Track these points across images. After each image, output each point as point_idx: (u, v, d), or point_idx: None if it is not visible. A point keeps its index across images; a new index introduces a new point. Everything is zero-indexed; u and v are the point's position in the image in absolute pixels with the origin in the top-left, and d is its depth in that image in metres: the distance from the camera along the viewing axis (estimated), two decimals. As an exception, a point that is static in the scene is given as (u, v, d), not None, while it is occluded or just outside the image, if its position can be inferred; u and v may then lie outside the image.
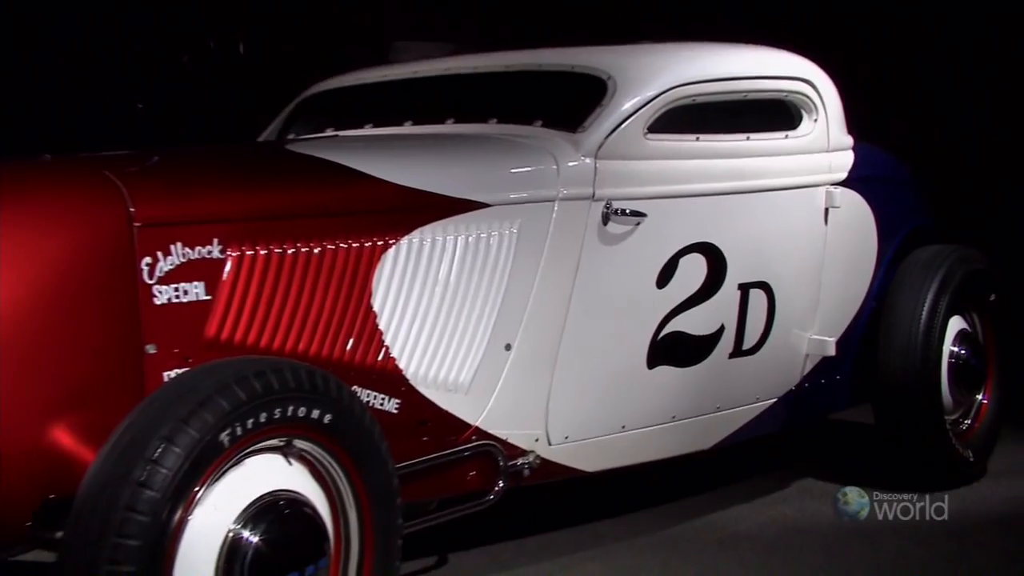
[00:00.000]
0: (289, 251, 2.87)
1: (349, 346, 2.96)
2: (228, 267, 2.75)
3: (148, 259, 2.61)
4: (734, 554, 3.56)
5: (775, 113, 3.99)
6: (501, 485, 3.15)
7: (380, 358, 3.01)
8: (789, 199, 3.92)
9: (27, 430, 2.40)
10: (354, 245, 2.98)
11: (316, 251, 2.92)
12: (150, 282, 2.61)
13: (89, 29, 5.57)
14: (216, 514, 2.30)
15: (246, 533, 2.32)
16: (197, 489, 2.22)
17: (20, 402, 2.40)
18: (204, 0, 6.04)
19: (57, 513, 2.35)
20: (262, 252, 2.82)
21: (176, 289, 2.66)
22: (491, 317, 3.20)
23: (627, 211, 3.35)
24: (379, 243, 3.02)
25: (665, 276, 3.48)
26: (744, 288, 3.72)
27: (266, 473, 2.42)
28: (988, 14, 6.76)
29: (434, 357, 3.12)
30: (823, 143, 4.06)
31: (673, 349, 3.55)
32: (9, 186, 2.65)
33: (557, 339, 3.30)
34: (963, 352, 4.25)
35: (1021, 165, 6.55)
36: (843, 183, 4.10)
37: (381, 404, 2.97)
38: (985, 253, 4.41)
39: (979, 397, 4.39)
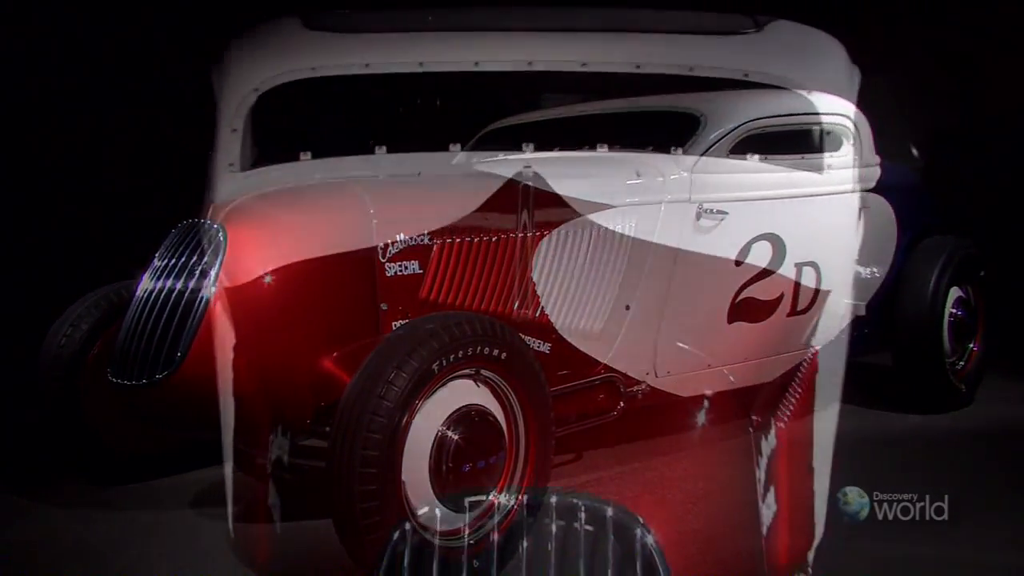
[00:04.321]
0: (475, 240, 2.88)
1: (516, 305, 2.96)
2: (434, 251, 2.79)
3: (382, 245, 2.67)
4: (786, 453, 3.46)
5: (823, 139, 3.82)
6: (621, 405, 3.13)
7: (537, 314, 3.01)
8: (833, 201, 3.74)
9: (307, 360, 2.49)
10: (519, 235, 2.96)
11: (493, 239, 2.92)
12: (383, 261, 2.67)
13: (348, 100, 5.82)
14: (430, 419, 2.34)
15: (450, 432, 2.36)
16: (417, 402, 2.26)
17: (303, 341, 2.50)
18: (411, 75, 6.25)
19: (327, 414, 2.44)
20: (457, 240, 2.84)
21: (400, 266, 2.71)
22: (615, 286, 3.16)
23: (714, 210, 3.27)
24: (536, 234, 3.00)
25: (741, 257, 3.38)
26: (799, 266, 3.57)
27: (462, 392, 2.44)
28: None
29: (575, 314, 3.09)
30: (858, 161, 3.87)
31: (746, 310, 3.44)
32: (302, 198, 2.78)
33: (663, 302, 3.23)
34: (960, 313, 4.08)
35: (1005, 178, 6.12)
36: (872, 190, 3.91)
37: (538, 346, 2.96)
38: (976, 242, 4.22)
39: (971, 346, 4.20)
